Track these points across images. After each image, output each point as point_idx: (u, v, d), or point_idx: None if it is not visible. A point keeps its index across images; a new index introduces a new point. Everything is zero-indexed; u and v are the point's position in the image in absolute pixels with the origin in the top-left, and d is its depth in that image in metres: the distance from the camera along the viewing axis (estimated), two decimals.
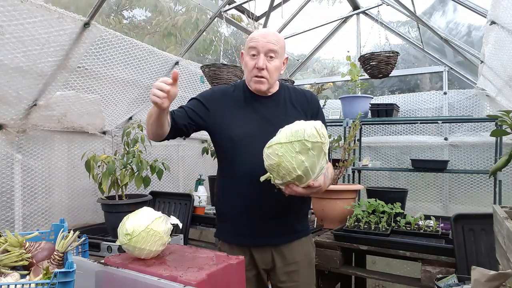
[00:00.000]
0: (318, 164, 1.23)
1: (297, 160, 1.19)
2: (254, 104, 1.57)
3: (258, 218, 1.51)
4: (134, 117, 2.81)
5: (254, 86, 1.51)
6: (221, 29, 3.27)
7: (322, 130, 1.23)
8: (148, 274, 1.09)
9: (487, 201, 2.98)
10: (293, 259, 1.55)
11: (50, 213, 2.30)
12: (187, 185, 3.41)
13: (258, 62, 1.46)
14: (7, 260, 1.09)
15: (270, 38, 1.47)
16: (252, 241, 1.53)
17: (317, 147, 1.20)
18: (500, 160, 1.10)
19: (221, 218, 1.65)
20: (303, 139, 1.17)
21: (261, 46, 1.46)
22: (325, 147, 1.23)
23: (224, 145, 1.56)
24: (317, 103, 1.64)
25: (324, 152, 1.23)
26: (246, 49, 1.53)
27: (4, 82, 1.84)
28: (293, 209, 1.55)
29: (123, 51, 2.32)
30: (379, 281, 2.83)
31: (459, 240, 1.84)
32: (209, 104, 1.55)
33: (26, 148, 2.16)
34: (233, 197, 1.56)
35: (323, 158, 1.24)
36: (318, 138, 1.19)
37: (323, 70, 4.37)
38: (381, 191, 2.59)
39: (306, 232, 1.64)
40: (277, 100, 1.58)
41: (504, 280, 0.88)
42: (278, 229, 1.53)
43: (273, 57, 1.48)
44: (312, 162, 1.20)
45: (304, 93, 1.66)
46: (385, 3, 3.31)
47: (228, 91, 1.62)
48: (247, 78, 1.54)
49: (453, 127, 3.28)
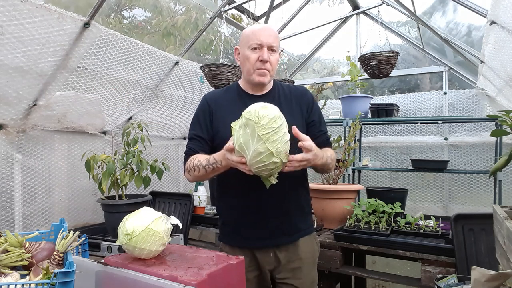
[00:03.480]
0: (252, 144, 1.20)
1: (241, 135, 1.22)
2: (247, 104, 1.53)
3: (259, 219, 1.50)
4: (134, 117, 2.81)
5: (257, 79, 1.50)
6: (221, 29, 3.27)
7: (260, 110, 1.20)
8: (148, 274, 1.09)
9: (487, 201, 2.98)
10: (297, 255, 1.54)
11: (50, 213, 2.30)
12: (187, 185, 3.41)
13: (262, 55, 1.46)
14: (7, 260, 1.09)
15: (270, 32, 1.50)
16: (254, 242, 1.52)
17: (250, 125, 1.19)
18: (500, 160, 1.10)
19: (222, 221, 1.64)
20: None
21: (264, 39, 1.46)
22: (258, 128, 1.18)
23: (218, 147, 1.51)
24: (310, 97, 1.65)
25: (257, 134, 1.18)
26: (245, 43, 1.51)
27: (4, 82, 1.84)
28: (294, 207, 1.55)
29: (123, 51, 2.32)
30: (379, 281, 2.84)
31: (459, 240, 1.84)
32: (209, 117, 1.57)
33: (26, 148, 2.16)
34: (231, 199, 1.56)
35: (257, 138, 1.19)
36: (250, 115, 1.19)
37: (323, 70, 4.36)
38: (381, 191, 2.59)
39: (310, 230, 1.63)
40: (271, 98, 1.57)
41: (504, 280, 0.88)
42: (281, 229, 1.52)
43: (274, 50, 1.50)
44: (245, 139, 1.20)
45: (297, 88, 1.67)
46: (385, 3, 3.31)
47: (218, 94, 1.64)
48: (248, 71, 1.52)
49: (453, 127, 3.28)
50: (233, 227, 1.57)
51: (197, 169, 1.46)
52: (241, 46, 1.55)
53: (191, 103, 3.18)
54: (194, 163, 1.48)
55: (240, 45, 1.56)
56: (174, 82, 2.91)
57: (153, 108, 2.93)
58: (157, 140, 3.10)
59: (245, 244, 1.54)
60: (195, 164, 1.47)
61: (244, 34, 1.54)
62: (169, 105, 3.03)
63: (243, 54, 1.53)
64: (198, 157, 1.49)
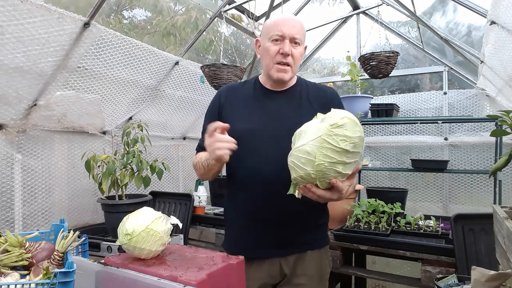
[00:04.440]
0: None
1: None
2: (264, 100, 1.45)
3: (264, 226, 1.38)
4: (134, 117, 2.81)
5: (276, 75, 1.37)
6: (221, 29, 3.27)
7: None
8: (148, 274, 1.09)
9: (487, 201, 2.98)
10: (303, 270, 1.41)
11: (50, 213, 2.30)
12: (187, 185, 3.41)
13: (283, 47, 1.33)
14: (7, 260, 1.09)
15: (295, 23, 1.36)
16: (258, 252, 1.41)
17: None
18: (500, 160, 1.10)
19: (227, 225, 1.55)
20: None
21: (287, 30, 1.33)
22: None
23: None
24: (337, 101, 1.49)
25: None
26: (265, 35, 1.39)
27: (4, 82, 1.84)
28: (307, 216, 1.41)
29: (123, 51, 2.32)
30: (379, 281, 2.84)
31: (459, 240, 1.84)
32: (218, 110, 1.47)
33: (26, 148, 2.16)
34: (237, 202, 1.45)
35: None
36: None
37: (323, 70, 4.36)
38: (381, 191, 2.59)
39: (322, 243, 1.49)
40: (291, 96, 1.45)
41: (504, 280, 0.88)
42: (288, 239, 1.40)
43: (298, 43, 1.36)
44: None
45: (324, 89, 1.52)
46: (385, 3, 3.30)
47: (235, 87, 1.53)
48: (268, 66, 1.39)
49: (453, 127, 3.28)
50: (236, 232, 1.48)
51: (199, 166, 1.40)
52: (262, 38, 1.42)
53: (191, 103, 3.18)
54: (197, 159, 1.42)
55: (261, 36, 1.44)
56: (174, 82, 2.91)
57: (153, 108, 2.93)
58: (157, 140, 3.10)
59: (247, 252, 1.39)
60: (197, 161, 1.41)
61: (266, 24, 1.42)
62: (169, 105, 3.03)
63: (263, 46, 1.40)
64: (200, 154, 1.41)
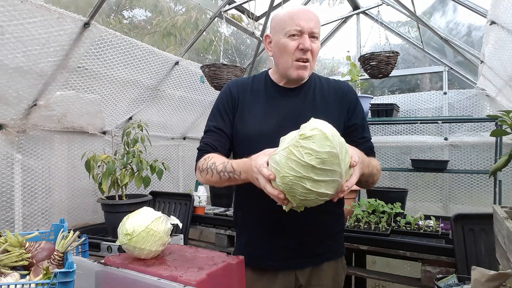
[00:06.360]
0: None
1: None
2: (276, 98, 1.35)
3: (277, 236, 1.30)
4: (134, 117, 2.81)
5: (296, 74, 1.27)
6: (221, 29, 3.27)
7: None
8: (148, 274, 1.09)
9: (487, 201, 2.98)
10: (318, 281, 1.35)
11: (50, 213, 2.30)
12: (187, 185, 3.41)
13: (304, 42, 1.22)
14: (7, 260, 1.09)
15: (311, 15, 1.25)
16: (270, 263, 1.33)
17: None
18: (500, 160, 1.10)
19: (237, 232, 1.46)
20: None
21: (305, 24, 1.22)
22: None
23: (237, 147, 1.36)
24: (354, 95, 1.40)
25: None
26: (279, 29, 1.26)
27: (4, 82, 1.84)
28: (321, 225, 1.34)
29: (123, 51, 2.32)
30: (379, 281, 2.83)
31: (459, 240, 1.84)
32: (233, 105, 1.37)
33: (26, 148, 2.16)
34: (248, 210, 1.38)
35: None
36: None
37: (323, 70, 4.36)
38: (381, 191, 2.59)
39: (339, 253, 1.42)
40: (304, 92, 1.35)
41: (504, 280, 0.88)
42: (305, 249, 1.32)
43: (316, 37, 1.26)
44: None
45: (339, 83, 1.42)
46: (385, 3, 3.30)
47: (245, 83, 1.41)
48: (285, 63, 1.28)
49: (453, 127, 3.28)
50: (246, 241, 1.40)
51: (211, 173, 1.22)
52: (274, 33, 1.29)
53: (191, 103, 3.18)
54: (208, 164, 1.24)
55: (272, 31, 1.32)
56: (174, 82, 2.91)
57: (153, 108, 2.93)
58: (157, 140, 3.10)
59: (258, 264, 1.34)
60: (209, 165, 1.23)
61: (278, 18, 1.29)
62: (169, 105, 3.03)
63: (278, 43, 1.27)
64: (214, 158, 1.25)
